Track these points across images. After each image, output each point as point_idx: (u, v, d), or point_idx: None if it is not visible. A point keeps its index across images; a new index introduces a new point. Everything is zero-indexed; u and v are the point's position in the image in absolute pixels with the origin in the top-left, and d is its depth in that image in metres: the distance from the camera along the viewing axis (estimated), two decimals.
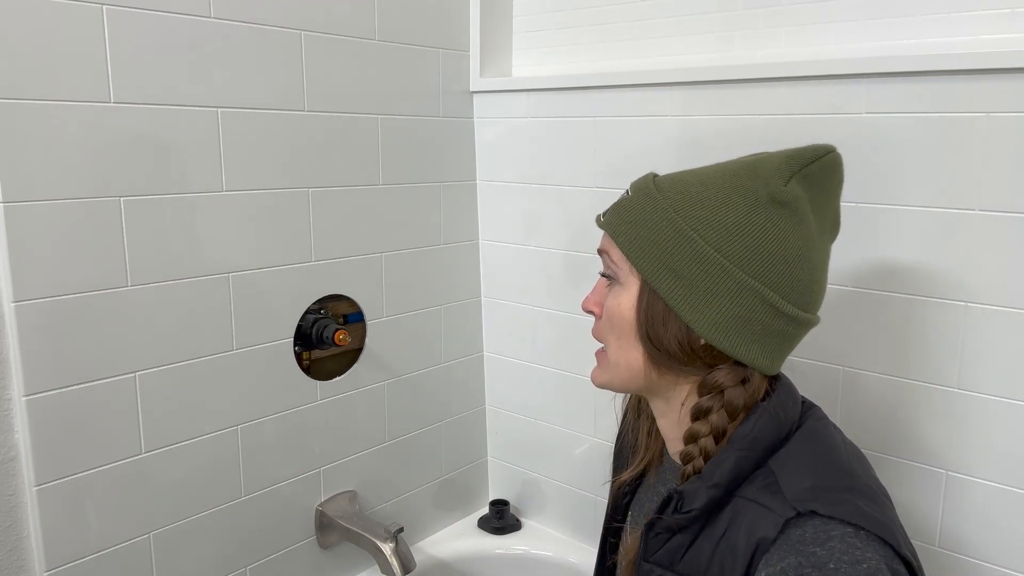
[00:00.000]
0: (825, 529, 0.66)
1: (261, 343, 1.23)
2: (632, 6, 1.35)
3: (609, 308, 0.81)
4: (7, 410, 0.99)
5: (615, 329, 0.81)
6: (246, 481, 1.24)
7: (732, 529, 0.71)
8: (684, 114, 1.23)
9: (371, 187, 1.36)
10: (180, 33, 1.08)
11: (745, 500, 0.72)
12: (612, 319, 0.81)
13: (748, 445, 0.74)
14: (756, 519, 0.70)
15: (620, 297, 0.80)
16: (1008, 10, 1.00)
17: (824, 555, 0.64)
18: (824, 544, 0.65)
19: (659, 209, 0.77)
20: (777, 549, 0.67)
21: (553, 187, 1.43)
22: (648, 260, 0.77)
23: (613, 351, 0.82)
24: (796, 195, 0.74)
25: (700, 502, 0.72)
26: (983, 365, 1.01)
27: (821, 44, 1.15)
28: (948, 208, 1.01)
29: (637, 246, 0.77)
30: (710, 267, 0.74)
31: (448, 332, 1.54)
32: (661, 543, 0.76)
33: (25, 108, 0.95)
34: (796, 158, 0.75)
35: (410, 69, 1.39)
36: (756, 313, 0.74)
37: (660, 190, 0.78)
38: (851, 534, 0.65)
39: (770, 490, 0.71)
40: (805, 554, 0.65)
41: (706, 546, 0.73)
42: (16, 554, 1.02)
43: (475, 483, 1.65)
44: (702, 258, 0.74)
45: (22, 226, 0.96)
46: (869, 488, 0.73)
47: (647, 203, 0.78)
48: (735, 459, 0.73)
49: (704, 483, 0.73)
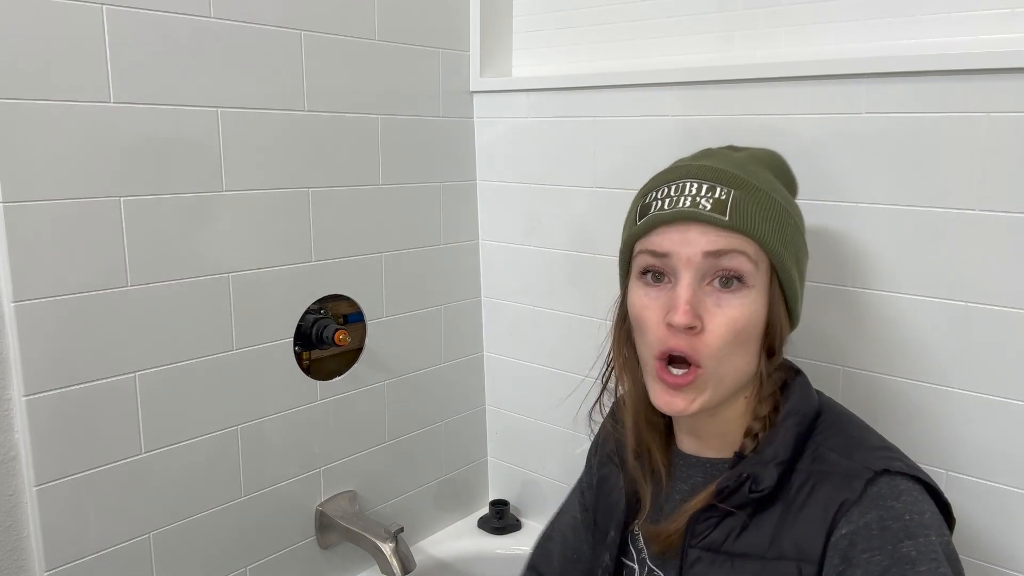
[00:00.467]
0: (895, 484, 0.72)
1: (261, 343, 1.23)
2: (632, 6, 1.35)
3: (738, 319, 0.74)
4: (7, 410, 0.99)
5: (740, 341, 0.75)
6: (246, 481, 1.24)
7: (796, 502, 0.75)
8: (684, 114, 1.23)
9: (371, 187, 1.36)
10: (180, 33, 1.08)
11: (804, 473, 0.76)
12: (741, 330, 0.75)
13: (799, 420, 0.78)
14: (833, 486, 0.74)
15: (754, 303, 0.75)
16: (1008, 10, 1.00)
17: (900, 508, 0.70)
18: (899, 498, 0.71)
19: (771, 200, 0.77)
20: (859, 506, 0.71)
21: (553, 187, 1.43)
22: (789, 256, 0.78)
23: (727, 367, 0.76)
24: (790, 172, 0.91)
25: (772, 479, 0.75)
26: (983, 365, 1.01)
27: (821, 44, 1.15)
28: (948, 208, 1.01)
29: (780, 243, 0.76)
30: (807, 255, 0.83)
31: (448, 332, 1.54)
32: (710, 528, 0.78)
33: (25, 108, 0.95)
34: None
35: (410, 69, 1.39)
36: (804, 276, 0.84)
37: (755, 178, 0.78)
38: (912, 487, 0.72)
39: (828, 460, 0.76)
40: (885, 507, 0.70)
41: (765, 523, 0.76)
42: (16, 554, 1.02)
43: (475, 483, 1.65)
44: (804, 244, 0.82)
45: (22, 226, 0.97)
46: (894, 445, 0.80)
47: (758, 196, 0.77)
48: (794, 434, 0.77)
49: (771, 461, 0.76)
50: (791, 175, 0.91)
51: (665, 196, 0.77)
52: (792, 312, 0.81)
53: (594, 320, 1.39)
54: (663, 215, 0.76)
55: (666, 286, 0.77)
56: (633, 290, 0.80)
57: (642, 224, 0.79)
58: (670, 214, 0.76)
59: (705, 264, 0.74)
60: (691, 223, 0.75)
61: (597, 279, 1.39)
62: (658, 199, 0.78)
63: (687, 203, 0.75)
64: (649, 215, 0.78)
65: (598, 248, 1.38)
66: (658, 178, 0.82)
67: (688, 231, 0.75)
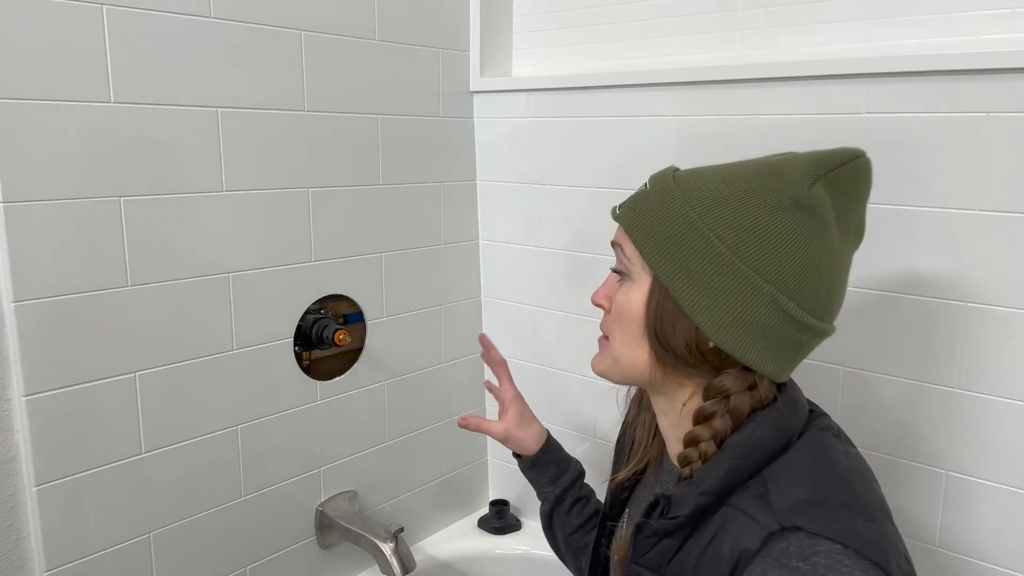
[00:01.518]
0: (810, 544, 0.64)
1: (261, 343, 1.23)
2: (632, 6, 1.35)
3: (618, 303, 0.79)
4: (7, 410, 0.99)
5: (622, 325, 0.79)
6: (246, 481, 1.24)
7: (719, 537, 0.69)
8: (684, 114, 1.23)
9: (371, 187, 1.36)
10: (180, 33, 1.08)
11: (734, 509, 0.70)
12: (620, 315, 0.79)
13: (743, 453, 0.72)
14: (742, 529, 0.68)
15: (631, 293, 0.78)
16: (1008, 10, 1.00)
17: (808, 570, 0.62)
18: (808, 559, 0.63)
19: (676, 205, 0.75)
20: (760, 561, 0.65)
21: (553, 187, 1.43)
22: (661, 257, 0.75)
23: (617, 346, 0.81)
24: (820, 200, 0.72)
25: (687, 509, 0.71)
26: (983, 365, 1.01)
27: (821, 44, 1.15)
28: (948, 208, 1.01)
29: (651, 242, 0.76)
30: (725, 269, 0.71)
31: (448, 332, 1.54)
32: (651, 546, 0.74)
33: (25, 108, 0.95)
34: (823, 161, 0.72)
35: (410, 69, 1.39)
36: (769, 319, 0.72)
37: (679, 185, 0.76)
38: (839, 551, 0.63)
39: (759, 501, 0.69)
40: (788, 568, 0.63)
41: (693, 552, 0.71)
42: (16, 554, 1.02)
43: (475, 483, 1.65)
44: (717, 259, 0.72)
45: (22, 226, 0.96)
46: (867, 504, 0.70)
47: (665, 198, 0.76)
48: (728, 467, 0.71)
49: (694, 489, 0.72)
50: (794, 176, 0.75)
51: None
52: (696, 320, 0.73)
53: (594, 320, 1.39)
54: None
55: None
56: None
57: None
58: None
59: (616, 254, 0.82)
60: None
61: (597, 279, 1.38)
62: None
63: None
64: None
65: (598, 248, 1.38)
66: None
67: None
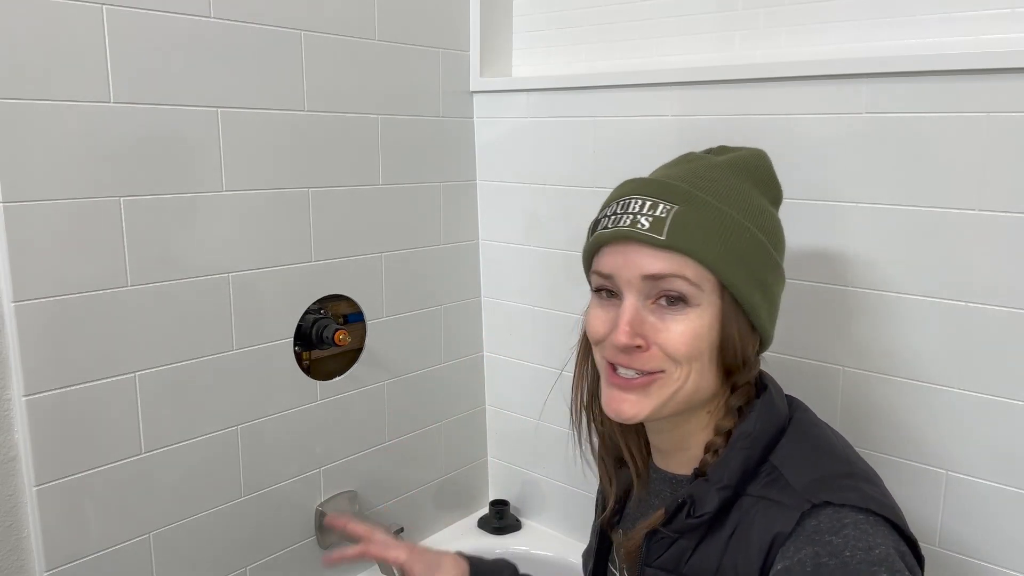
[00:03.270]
0: (838, 517, 0.67)
1: (261, 343, 1.23)
2: (632, 6, 1.35)
3: (683, 333, 0.72)
4: (7, 410, 0.99)
5: (691, 358, 0.73)
6: (246, 481, 1.24)
7: (743, 527, 0.71)
8: (684, 114, 1.23)
9: (371, 187, 1.36)
10: (180, 33, 1.08)
11: (753, 498, 0.72)
12: (690, 348, 0.73)
13: (751, 444, 0.74)
14: (770, 515, 0.70)
15: (701, 320, 0.73)
16: (1008, 10, 1.00)
17: (839, 543, 0.65)
18: (839, 532, 0.66)
19: (725, 216, 0.73)
20: (794, 541, 0.67)
21: (553, 187, 1.43)
22: (742, 276, 0.73)
23: (680, 381, 0.74)
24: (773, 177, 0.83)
25: (712, 505, 0.72)
26: (983, 365, 1.01)
27: (821, 44, 1.15)
28: (948, 208, 1.01)
29: (725, 261, 0.72)
30: (774, 268, 0.77)
31: (448, 332, 1.54)
32: (664, 548, 0.76)
33: (25, 108, 0.95)
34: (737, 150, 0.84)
35: (410, 69, 1.39)
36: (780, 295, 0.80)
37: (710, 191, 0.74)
38: (862, 520, 0.66)
39: (777, 485, 0.72)
40: (821, 543, 0.65)
41: (714, 547, 0.73)
42: (16, 554, 1.02)
43: (475, 483, 1.65)
44: (770, 260, 0.77)
45: (22, 226, 0.97)
46: (866, 471, 0.74)
47: (709, 211, 0.73)
48: (742, 458, 0.74)
49: (714, 485, 0.73)
50: (773, 181, 0.84)
51: (612, 213, 0.77)
52: (760, 329, 0.77)
53: None
54: (604, 235, 0.76)
55: (616, 303, 0.76)
56: (591, 304, 0.80)
57: (590, 242, 0.79)
58: (611, 234, 0.75)
59: (646, 286, 0.73)
60: (630, 243, 0.74)
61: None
62: (607, 215, 0.77)
63: (627, 222, 0.74)
64: (596, 233, 0.78)
65: None
66: (612, 193, 0.81)
67: (628, 252, 0.74)
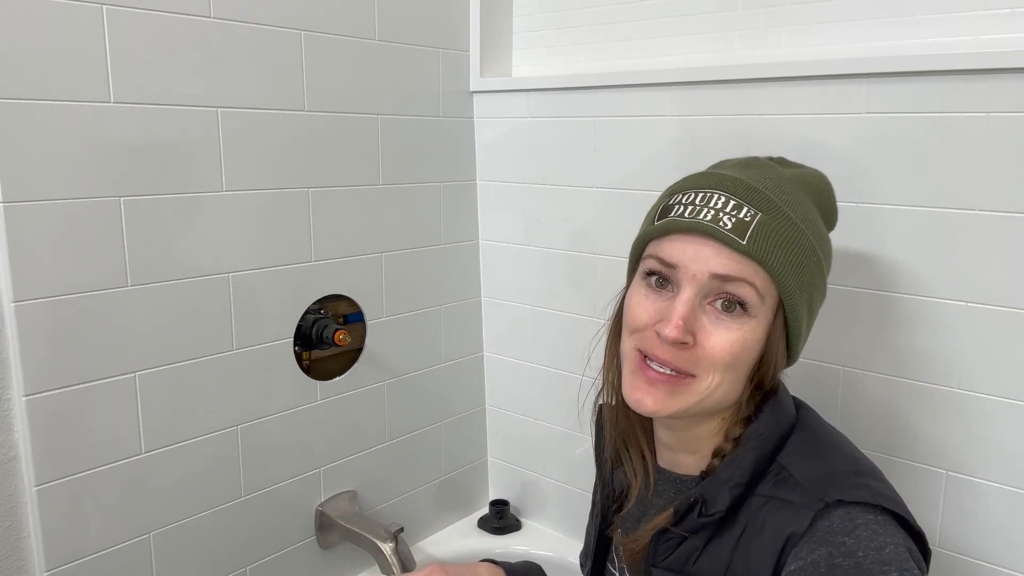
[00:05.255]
0: (850, 518, 0.67)
1: (261, 343, 1.23)
2: (632, 6, 1.35)
3: (733, 342, 0.71)
4: (7, 410, 0.99)
5: (729, 368, 0.72)
6: (246, 481, 1.24)
7: (753, 527, 0.72)
8: (684, 114, 1.23)
9: (371, 187, 1.36)
10: (180, 33, 1.08)
11: (763, 498, 0.72)
12: (734, 358, 0.72)
13: (762, 443, 0.75)
14: (782, 515, 0.70)
15: (754, 333, 0.72)
16: (1008, 10, 1.00)
17: (852, 544, 0.65)
18: (851, 533, 0.66)
19: (798, 232, 0.73)
20: (807, 541, 0.67)
21: (553, 187, 1.43)
22: (801, 292, 0.73)
23: (714, 386, 0.73)
24: (835, 205, 0.85)
25: (724, 504, 0.73)
26: (983, 365, 1.01)
27: (821, 44, 1.15)
28: (948, 208, 1.01)
29: (793, 277, 0.72)
30: (823, 298, 0.80)
31: (448, 332, 1.54)
32: (672, 548, 0.76)
33: (25, 108, 0.95)
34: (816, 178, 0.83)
35: (410, 69, 1.39)
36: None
37: (790, 205, 0.73)
38: (872, 520, 0.67)
39: (787, 484, 0.72)
40: (835, 544, 0.65)
41: (723, 547, 0.73)
42: (16, 554, 1.02)
43: (475, 483, 1.65)
44: (823, 278, 0.78)
45: (22, 226, 0.96)
46: (872, 468, 0.75)
47: (786, 226, 0.72)
48: (754, 457, 0.74)
49: (725, 484, 0.73)
50: (833, 205, 0.84)
51: (689, 203, 0.73)
52: (792, 349, 0.77)
53: (594, 320, 1.39)
54: (680, 223, 0.72)
55: (667, 294, 0.74)
56: (634, 288, 0.77)
57: (659, 226, 0.75)
58: (688, 224, 0.72)
59: (710, 284, 0.71)
60: (707, 239, 0.71)
61: (597, 279, 1.39)
62: (681, 203, 0.74)
63: (708, 216, 0.71)
64: (668, 219, 0.74)
65: (598, 248, 1.38)
66: (688, 180, 0.78)
67: (701, 247, 0.71)
